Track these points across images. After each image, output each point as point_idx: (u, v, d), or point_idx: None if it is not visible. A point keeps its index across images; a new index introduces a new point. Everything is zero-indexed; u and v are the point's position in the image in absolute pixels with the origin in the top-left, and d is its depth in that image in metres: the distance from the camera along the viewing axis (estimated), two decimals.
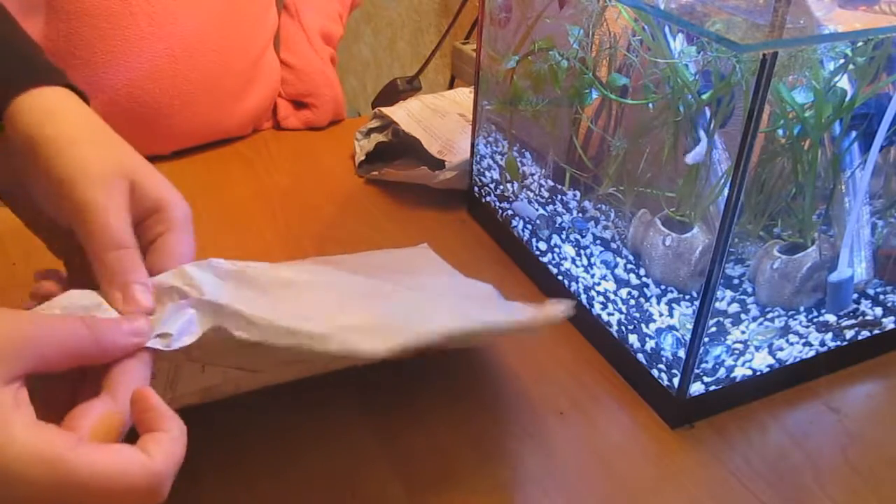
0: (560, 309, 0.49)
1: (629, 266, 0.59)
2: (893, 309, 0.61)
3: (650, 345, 0.55)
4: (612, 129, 0.62)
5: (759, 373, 0.55)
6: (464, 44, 1.25)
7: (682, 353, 0.51)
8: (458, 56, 1.25)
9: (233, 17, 0.85)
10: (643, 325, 0.56)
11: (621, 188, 0.61)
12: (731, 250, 0.50)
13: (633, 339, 0.57)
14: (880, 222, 0.61)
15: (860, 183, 0.57)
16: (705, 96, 0.53)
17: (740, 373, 0.55)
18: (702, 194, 0.56)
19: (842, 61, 0.52)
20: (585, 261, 0.62)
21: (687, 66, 0.53)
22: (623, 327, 0.58)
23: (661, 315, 0.55)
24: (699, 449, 0.52)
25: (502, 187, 0.73)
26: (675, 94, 0.55)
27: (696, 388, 0.53)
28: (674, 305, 0.55)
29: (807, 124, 0.54)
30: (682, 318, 0.54)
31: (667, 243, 0.57)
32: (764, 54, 0.41)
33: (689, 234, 0.56)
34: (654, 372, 0.54)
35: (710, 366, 0.53)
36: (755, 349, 0.56)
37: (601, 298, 0.60)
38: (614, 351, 0.58)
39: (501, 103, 0.72)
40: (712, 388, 0.54)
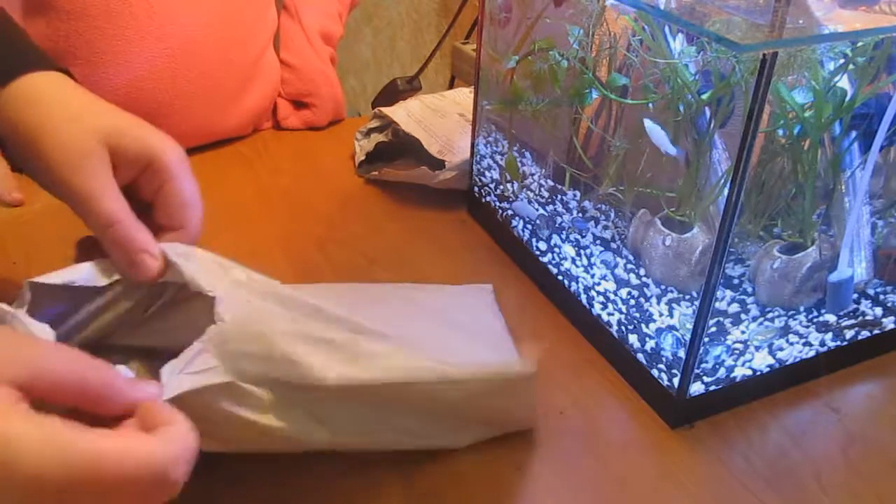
0: (530, 362, 0.49)
1: (629, 266, 0.59)
2: (893, 309, 0.61)
3: (650, 345, 0.55)
4: (612, 129, 0.62)
5: (759, 373, 0.55)
6: (464, 44, 1.25)
7: (682, 353, 0.51)
8: (458, 56, 1.25)
9: (233, 17, 0.85)
10: (643, 325, 0.56)
11: (621, 188, 0.61)
12: (731, 250, 0.50)
13: (633, 339, 0.57)
14: (880, 222, 0.61)
15: (860, 183, 0.57)
16: (705, 96, 0.53)
17: (740, 373, 0.55)
18: (702, 194, 0.56)
19: (842, 61, 0.53)
20: (585, 261, 0.62)
21: (687, 65, 0.53)
22: (623, 327, 0.58)
23: (661, 315, 0.55)
24: (699, 449, 0.52)
25: (502, 187, 0.73)
26: (674, 94, 0.55)
27: (696, 388, 0.53)
28: (674, 305, 0.55)
29: (807, 124, 0.54)
30: (682, 318, 0.54)
31: (667, 243, 0.57)
32: (764, 54, 0.41)
33: (689, 234, 0.56)
34: (655, 372, 0.54)
35: (710, 366, 0.53)
36: (755, 349, 0.56)
37: (601, 298, 0.60)
38: (614, 351, 0.58)
39: (501, 103, 0.72)
40: (712, 388, 0.54)
